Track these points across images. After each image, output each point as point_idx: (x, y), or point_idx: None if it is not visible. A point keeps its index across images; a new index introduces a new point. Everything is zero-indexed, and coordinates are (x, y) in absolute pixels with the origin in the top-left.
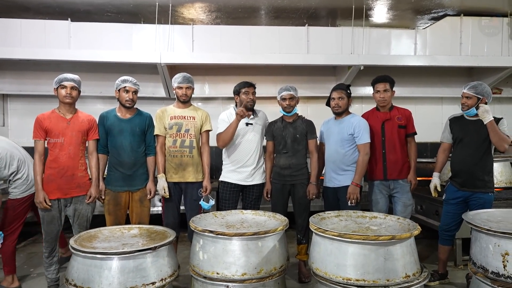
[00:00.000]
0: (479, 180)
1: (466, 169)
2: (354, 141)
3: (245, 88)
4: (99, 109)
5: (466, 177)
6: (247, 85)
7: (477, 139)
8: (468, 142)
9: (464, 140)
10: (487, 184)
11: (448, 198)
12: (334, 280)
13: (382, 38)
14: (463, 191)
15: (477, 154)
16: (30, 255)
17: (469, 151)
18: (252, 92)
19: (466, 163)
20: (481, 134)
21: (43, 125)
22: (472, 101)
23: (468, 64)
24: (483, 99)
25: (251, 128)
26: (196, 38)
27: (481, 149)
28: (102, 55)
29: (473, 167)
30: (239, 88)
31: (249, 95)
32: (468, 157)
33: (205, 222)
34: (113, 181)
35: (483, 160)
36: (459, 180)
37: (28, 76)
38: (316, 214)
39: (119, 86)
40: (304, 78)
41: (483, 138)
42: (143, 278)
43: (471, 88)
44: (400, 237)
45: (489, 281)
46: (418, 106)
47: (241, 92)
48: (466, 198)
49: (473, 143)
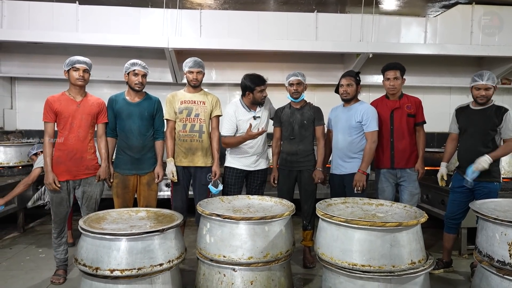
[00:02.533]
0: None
1: (470, 159)
2: (362, 128)
3: (261, 86)
4: (106, 93)
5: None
6: (262, 82)
7: (481, 129)
8: (472, 132)
9: (469, 130)
10: (492, 174)
11: (454, 186)
12: (340, 265)
13: (392, 26)
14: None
15: (481, 143)
16: (38, 236)
17: (473, 141)
18: (265, 89)
19: (470, 153)
20: (485, 124)
21: (53, 107)
22: (491, 91)
23: (478, 54)
24: (496, 87)
25: (258, 120)
26: (204, 23)
27: (485, 138)
28: (109, 38)
29: (476, 157)
30: (253, 85)
31: (263, 93)
32: (473, 147)
33: (212, 206)
34: (121, 164)
35: (487, 150)
36: (464, 169)
37: (36, 59)
38: (322, 201)
39: (128, 69)
40: (311, 66)
41: (487, 128)
42: (151, 259)
43: (490, 79)
44: (407, 224)
45: (495, 269)
46: (426, 96)
47: (256, 90)
48: (472, 187)
49: (477, 133)
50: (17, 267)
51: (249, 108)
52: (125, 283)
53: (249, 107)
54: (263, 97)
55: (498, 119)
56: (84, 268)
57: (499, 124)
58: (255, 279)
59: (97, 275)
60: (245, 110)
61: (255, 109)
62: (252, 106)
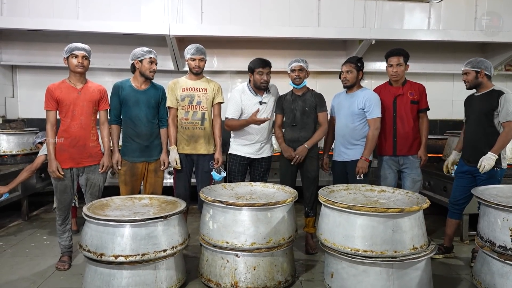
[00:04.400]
0: (483, 155)
1: (470, 145)
2: (364, 115)
3: (260, 68)
4: (108, 81)
5: (470, 152)
6: (262, 64)
7: (479, 114)
8: (472, 119)
9: (470, 117)
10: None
11: (457, 172)
12: (342, 250)
13: (395, 12)
14: (469, 166)
15: (479, 130)
16: (42, 223)
17: (472, 127)
18: (267, 73)
19: (470, 139)
20: (482, 109)
21: (54, 95)
22: (471, 75)
23: (482, 40)
24: (482, 71)
25: (264, 106)
26: (206, 10)
27: (482, 124)
28: (110, 26)
29: (476, 143)
30: (254, 66)
31: (263, 76)
32: (472, 133)
33: (214, 193)
34: (129, 152)
35: (485, 136)
36: (466, 156)
37: (36, 47)
38: (325, 187)
39: (143, 56)
40: (314, 53)
41: (483, 113)
42: (155, 245)
43: (468, 64)
44: (409, 210)
45: (496, 254)
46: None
47: (255, 72)
48: (472, 172)
49: (474, 120)
50: (22, 253)
51: (255, 92)
52: (129, 268)
53: (256, 92)
54: (263, 80)
55: (495, 102)
56: (88, 254)
57: (496, 108)
58: (258, 265)
59: (101, 261)
60: (251, 94)
61: (262, 94)
62: (259, 91)
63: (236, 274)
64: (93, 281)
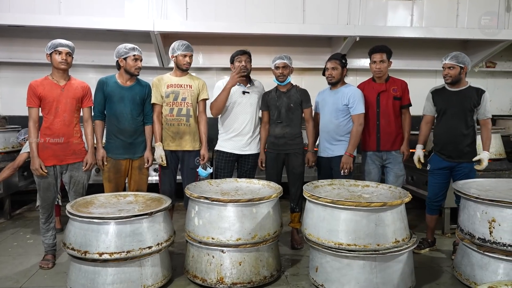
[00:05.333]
0: (464, 150)
1: (451, 140)
2: (348, 111)
3: (238, 56)
4: (92, 78)
5: (451, 148)
6: (240, 52)
7: (460, 110)
8: (452, 113)
9: (448, 111)
10: (473, 154)
11: (434, 169)
12: (326, 245)
13: (379, 9)
14: (449, 162)
15: (461, 124)
16: (25, 222)
17: (453, 122)
18: (245, 60)
19: (451, 134)
20: (465, 104)
21: (36, 92)
22: (456, 71)
23: (464, 37)
24: (465, 67)
25: (248, 96)
26: (190, 6)
27: (464, 119)
28: (93, 22)
29: (458, 138)
30: (233, 56)
31: (242, 62)
32: (453, 128)
33: (200, 189)
34: (113, 149)
35: (467, 130)
36: (445, 151)
37: (18, 43)
38: (309, 183)
39: (126, 54)
40: (299, 49)
41: (467, 108)
42: (140, 242)
43: (453, 58)
44: (392, 204)
45: (476, 246)
46: (412, 79)
47: (235, 60)
48: (452, 168)
49: (456, 114)
50: (5, 253)
51: (238, 82)
52: (114, 266)
53: (239, 81)
54: (242, 66)
55: (477, 99)
56: (72, 252)
57: (478, 105)
58: (244, 260)
59: (86, 259)
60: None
61: (246, 84)
62: (243, 81)
63: (221, 269)
64: (78, 279)
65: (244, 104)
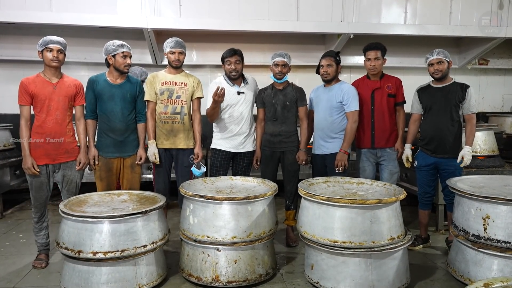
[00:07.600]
0: (449, 145)
1: (437, 136)
2: (342, 108)
3: (227, 57)
4: (84, 75)
5: (437, 144)
6: (230, 54)
7: (445, 105)
8: (437, 109)
9: (433, 107)
10: (458, 150)
11: (420, 165)
12: (321, 242)
13: (373, 6)
14: (435, 157)
15: (446, 120)
16: (18, 221)
17: (438, 118)
18: (235, 61)
19: (436, 130)
20: (450, 100)
21: (28, 90)
22: (444, 65)
23: (457, 34)
24: (450, 62)
25: (243, 96)
26: (184, 3)
27: (450, 115)
28: (85, 18)
29: (443, 133)
30: (222, 57)
31: (231, 65)
32: (438, 124)
33: (195, 187)
34: (104, 147)
35: (453, 126)
36: (431, 147)
37: (9, 40)
38: (304, 180)
39: (115, 51)
40: (293, 47)
41: (452, 104)
42: (134, 241)
43: (440, 53)
44: (387, 201)
45: (470, 243)
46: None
47: (225, 62)
48: (438, 164)
49: (442, 110)
50: None
51: (232, 83)
52: (108, 265)
53: (233, 82)
54: (231, 69)
55: (463, 94)
56: (66, 252)
57: (463, 100)
58: (239, 258)
59: (79, 258)
60: (228, 85)
61: (239, 84)
62: (236, 81)
63: (217, 268)
64: (71, 279)
65: (240, 104)
